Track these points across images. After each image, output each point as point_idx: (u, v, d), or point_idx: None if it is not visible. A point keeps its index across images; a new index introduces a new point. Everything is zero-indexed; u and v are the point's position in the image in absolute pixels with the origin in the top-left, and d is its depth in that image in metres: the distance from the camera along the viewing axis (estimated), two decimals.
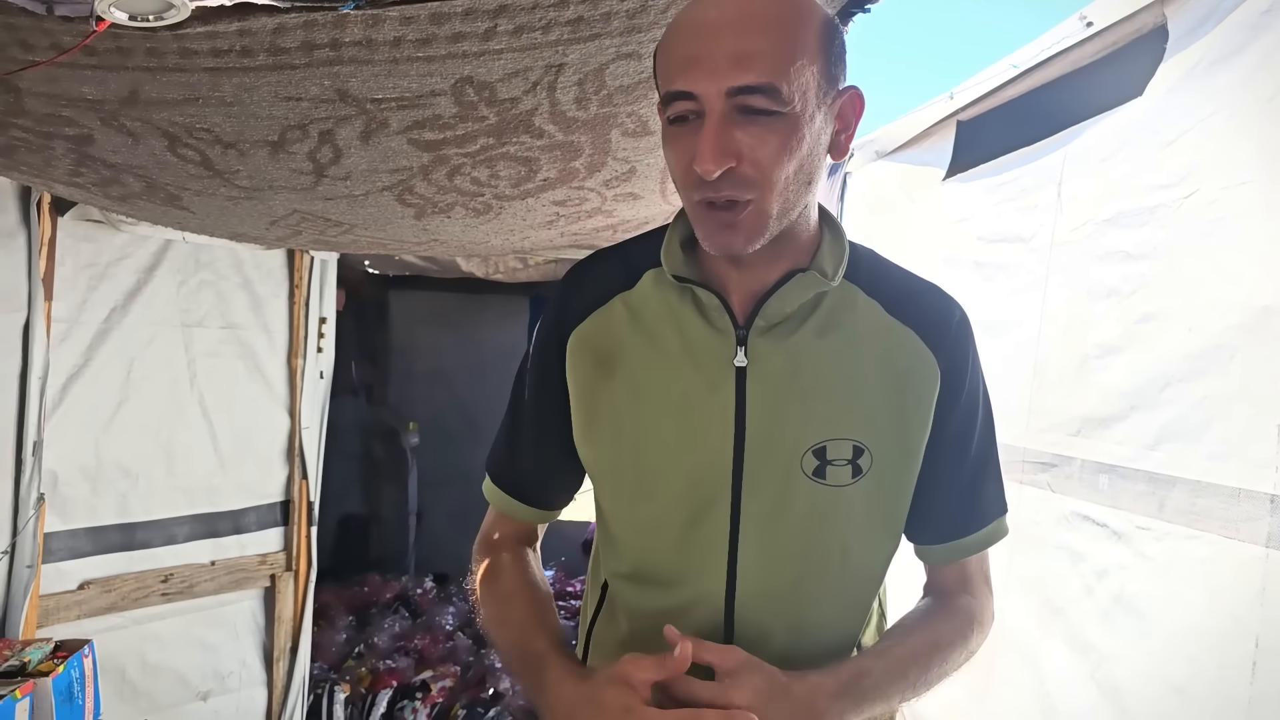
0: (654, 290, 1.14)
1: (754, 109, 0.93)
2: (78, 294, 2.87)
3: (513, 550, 1.26)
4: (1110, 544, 1.80)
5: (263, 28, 1.30)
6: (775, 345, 1.08)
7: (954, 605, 1.18)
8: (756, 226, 0.99)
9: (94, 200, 2.47)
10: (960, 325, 1.14)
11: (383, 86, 1.53)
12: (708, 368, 1.08)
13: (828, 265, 1.09)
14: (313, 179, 2.02)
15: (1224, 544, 1.54)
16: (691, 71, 0.94)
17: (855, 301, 1.11)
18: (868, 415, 1.08)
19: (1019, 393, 2.12)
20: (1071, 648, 1.88)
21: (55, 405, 2.81)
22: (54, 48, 1.35)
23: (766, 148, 0.94)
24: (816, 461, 1.07)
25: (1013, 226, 2.24)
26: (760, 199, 0.97)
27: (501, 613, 1.18)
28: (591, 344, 1.14)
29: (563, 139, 1.85)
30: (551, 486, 1.27)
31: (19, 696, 2.18)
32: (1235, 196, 1.56)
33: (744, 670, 0.96)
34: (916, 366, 1.10)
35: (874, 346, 1.10)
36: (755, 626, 1.09)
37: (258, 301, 3.45)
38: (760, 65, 0.92)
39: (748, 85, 0.92)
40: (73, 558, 2.89)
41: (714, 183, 0.95)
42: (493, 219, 2.52)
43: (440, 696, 4.07)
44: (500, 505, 1.28)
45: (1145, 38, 1.87)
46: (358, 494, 6.04)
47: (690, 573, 1.10)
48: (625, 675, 0.94)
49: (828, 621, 1.13)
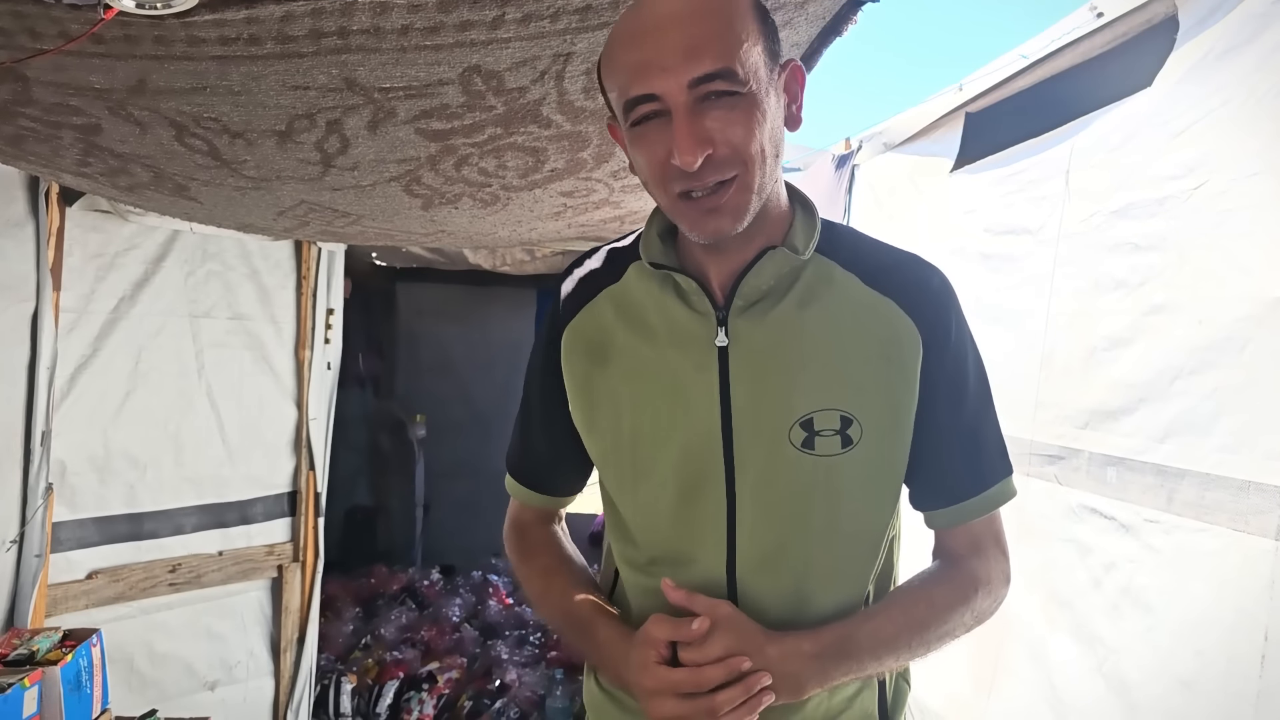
0: (638, 282, 1.19)
1: (715, 93, 0.98)
2: (86, 284, 2.88)
3: (541, 529, 1.36)
4: (1118, 537, 1.80)
5: (270, 15, 1.30)
6: (755, 323, 1.11)
7: (958, 568, 1.19)
8: (742, 203, 1.03)
9: (102, 190, 2.47)
10: (940, 291, 1.16)
11: (390, 75, 1.53)
12: (692, 350, 1.12)
13: (799, 241, 1.12)
14: (320, 169, 2.02)
15: (1233, 537, 1.53)
16: (648, 74, 0.98)
17: (833, 276, 1.14)
18: (853, 385, 1.10)
19: (1027, 385, 2.11)
20: (1079, 641, 1.88)
21: (63, 395, 2.81)
22: (62, 35, 1.35)
23: (736, 127, 0.99)
24: (805, 433, 1.09)
25: (1020, 218, 2.23)
26: (743, 175, 1.01)
27: (545, 587, 1.28)
28: (583, 337, 1.20)
29: (570, 129, 1.84)
30: (561, 474, 1.33)
31: (28, 685, 2.20)
32: (1244, 188, 1.56)
33: (724, 624, 1.04)
34: (898, 335, 1.12)
35: (854, 318, 1.12)
36: (756, 598, 1.12)
37: (265, 292, 3.45)
38: (712, 52, 0.97)
39: (706, 74, 0.97)
40: (81, 547, 2.90)
41: (696, 172, 0.99)
42: (500, 210, 2.52)
43: (447, 688, 4.08)
44: (519, 496, 1.36)
45: (1155, 28, 1.86)
46: (365, 485, 6.06)
47: (692, 548, 1.14)
48: (647, 635, 1.07)
49: (827, 590, 1.14)
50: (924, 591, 1.17)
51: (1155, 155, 1.78)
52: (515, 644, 4.50)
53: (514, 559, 1.36)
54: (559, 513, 1.39)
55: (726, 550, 1.12)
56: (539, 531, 1.35)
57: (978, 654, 2.18)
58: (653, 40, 0.99)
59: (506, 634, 4.63)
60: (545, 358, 1.24)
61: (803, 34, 1.60)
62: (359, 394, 5.88)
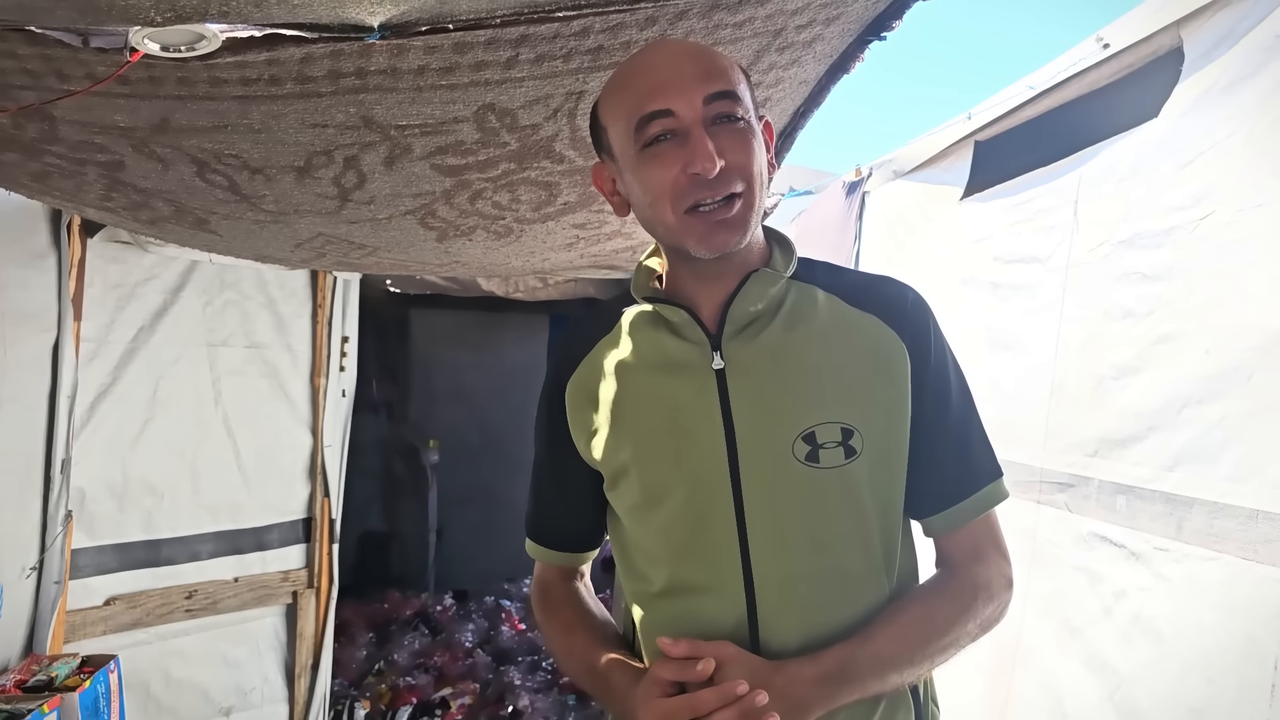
0: (631, 325, 1.25)
1: (724, 115, 1.07)
2: (106, 314, 2.92)
3: (563, 587, 1.38)
4: (1128, 565, 1.80)
5: (290, 57, 1.34)
6: (747, 344, 1.16)
7: (958, 577, 1.20)
8: (745, 219, 1.10)
9: (124, 223, 2.52)
10: (917, 305, 1.21)
11: (407, 113, 1.57)
12: (690, 377, 1.17)
13: (779, 266, 1.19)
14: (337, 203, 2.05)
15: (1242, 565, 1.54)
16: (664, 92, 1.07)
17: (816, 298, 1.20)
18: (849, 397, 1.14)
19: (1037, 413, 2.12)
20: (1089, 668, 1.88)
21: (83, 423, 2.85)
22: (89, 77, 1.39)
23: (742, 148, 1.08)
24: (808, 447, 1.12)
25: (1029, 247, 2.25)
26: (748, 191, 1.09)
27: (568, 644, 1.31)
28: (585, 387, 1.25)
29: (582, 164, 1.88)
30: (577, 530, 1.36)
31: (46, 711, 2.22)
32: (1251, 218, 1.57)
33: (730, 664, 1.07)
34: (884, 347, 1.16)
35: (842, 334, 1.17)
36: (776, 614, 1.13)
37: (281, 321, 3.49)
38: (722, 77, 1.08)
39: (720, 91, 1.07)
40: (99, 574, 2.93)
41: (711, 182, 1.06)
42: (513, 241, 2.55)
43: (460, 713, 4.08)
44: (540, 556, 1.40)
45: (1161, 60, 1.89)
46: (378, 511, 6.07)
47: (708, 571, 1.15)
48: (653, 675, 1.10)
49: (848, 598, 1.15)
50: (924, 606, 1.17)
51: (1163, 186, 1.79)
52: (528, 670, 4.50)
53: (539, 618, 1.38)
54: (580, 569, 1.42)
55: (742, 568, 1.13)
56: (561, 589, 1.38)
57: (990, 682, 2.18)
58: (669, 67, 1.09)
59: (519, 660, 4.63)
60: (549, 417, 1.29)
61: (810, 71, 1.63)
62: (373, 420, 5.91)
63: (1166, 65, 1.85)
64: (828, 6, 1.38)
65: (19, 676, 2.42)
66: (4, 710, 2.17)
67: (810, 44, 1.50)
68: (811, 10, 1.38)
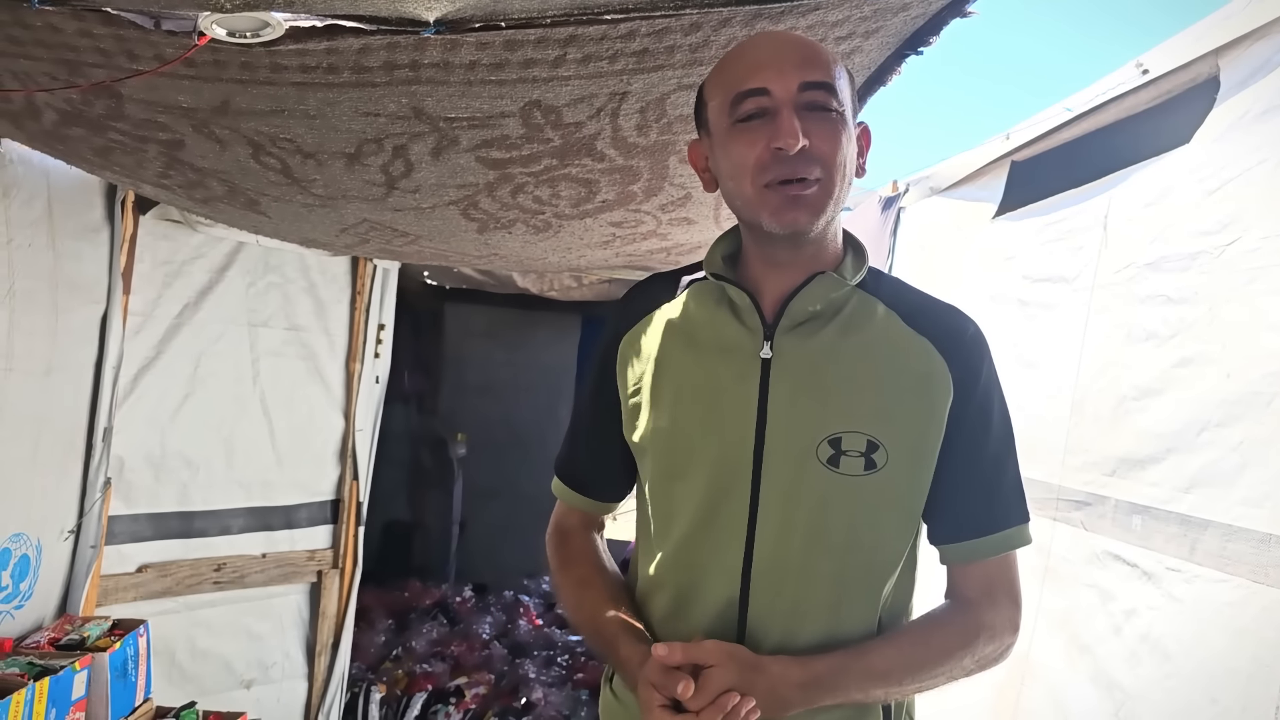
0: (693, 298, 1.29)
1: (816, 104, 1.11)
2: (154, 289, 3.01)
3: (582, 537, 1.42)
4: (1140, 584, 1.82)
5: (349, 47, 1.40)
6: (799, 342, 1.19)
7: (965, 613, 1.22)
8: (820, 204, 1.13)
9: (178, 201, 2.60)
10: (974, 340, 1.22)
11: (456, 106, 1.62)
12: (736, 360, 1.20)
13: (848, 272, 1.21)
14: (384, 190, 2.11)
15: (1253, 588, 1.55)
16: (765, 71, 1.11)
17: (876, 311, 1.22)
18: (883, 413, 1.16)
19: (1057, 431, 2.14)
20: (1096, 685, 1.89)
21: (126, 394, 2.93)
22: (157, 58, 1.46)
23: (829, 137, 1.11)
24: (831, 451, 1.15)
25: (1058, 266, 2.27)
26: (826, 179, 1.12)
27: (579, 598, 1.34)
28: (637, 346, 1.30)
29: (623, 163, 1.92)
30: (606, 478, 1.40)
31: (78, 668, 2.30)
32: (1276, 245, 1.59)
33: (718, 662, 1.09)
34: (931, 373, 1.18)
35: (892, 352, 1.19)
36: (764, 602, 1.17)
37: (321, 305, 3.57)
38: (822, 68, 1.12)
39: (815, 80, 1.11)
40: (133, 541, 3.02)
41: (790, 160, 1.09)
42: (551, 236, 2.61)
43: (473, 703, 4.13)
44: (564, 498, 1.44)
45: (1198, 87, 1.90)
46: (404, 501, 6.13)
47: (713, 549, 1.19)
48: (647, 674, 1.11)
49: (832, 607, 1.18)
50: (924, 633, 1.21)
51: (1191, 210, 1.81)
52: (543, 664, 4.54)
53: (553, 564, 1.41)
54: (600, 520, 1.46)
55: (744, 551, 1.17)
56: (580, 539, 1.41)
57: (999, 697, 2.19)
58: (773, 50, 1.14)
59: (535, 653, 4.68)
60: (601, 364, 1.34)
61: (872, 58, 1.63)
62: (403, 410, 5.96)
63: (1203, 93, 1.87)
64: (867, 20, 1.42)
65: (53, 635, 2.50)
66: (38, 665, 2.25)
67: (849, 55, 1.54)
68: (851, 23, 1.42)
